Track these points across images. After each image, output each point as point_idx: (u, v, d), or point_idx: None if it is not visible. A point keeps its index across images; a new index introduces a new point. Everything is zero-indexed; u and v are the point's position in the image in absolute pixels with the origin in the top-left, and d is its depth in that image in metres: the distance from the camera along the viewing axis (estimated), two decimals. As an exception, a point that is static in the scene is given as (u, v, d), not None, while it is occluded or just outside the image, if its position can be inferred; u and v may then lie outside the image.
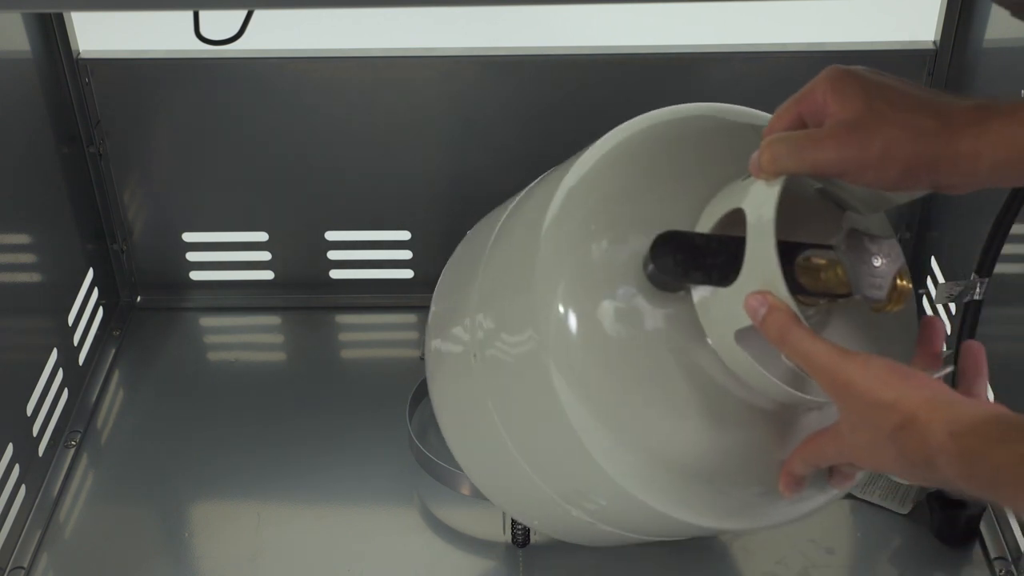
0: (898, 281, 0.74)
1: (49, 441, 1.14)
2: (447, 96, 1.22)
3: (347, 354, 1.32)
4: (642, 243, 0.74)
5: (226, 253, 1.33)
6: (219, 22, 0.94)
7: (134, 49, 1.22)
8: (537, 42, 1.20)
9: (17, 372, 1.11)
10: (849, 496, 1.09)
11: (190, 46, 0.98)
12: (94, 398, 1.22)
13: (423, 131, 1.24)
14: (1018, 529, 1.04)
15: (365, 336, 1.35)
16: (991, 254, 0.93)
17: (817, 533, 1.06)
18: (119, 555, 1.06)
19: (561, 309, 0.76)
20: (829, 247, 0.73)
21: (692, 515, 0.79)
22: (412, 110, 1.23)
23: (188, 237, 1.32)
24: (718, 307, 0.73)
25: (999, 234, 0.92)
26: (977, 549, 1.05)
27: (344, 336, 1.35)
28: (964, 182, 0.70)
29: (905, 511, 1.08)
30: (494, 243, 0.88)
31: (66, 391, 1.19)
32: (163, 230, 1.31)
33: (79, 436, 1.17)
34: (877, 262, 0.72)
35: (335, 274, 1.34)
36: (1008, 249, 0.93)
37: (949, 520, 1.05)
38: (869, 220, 0.76)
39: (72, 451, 1.15)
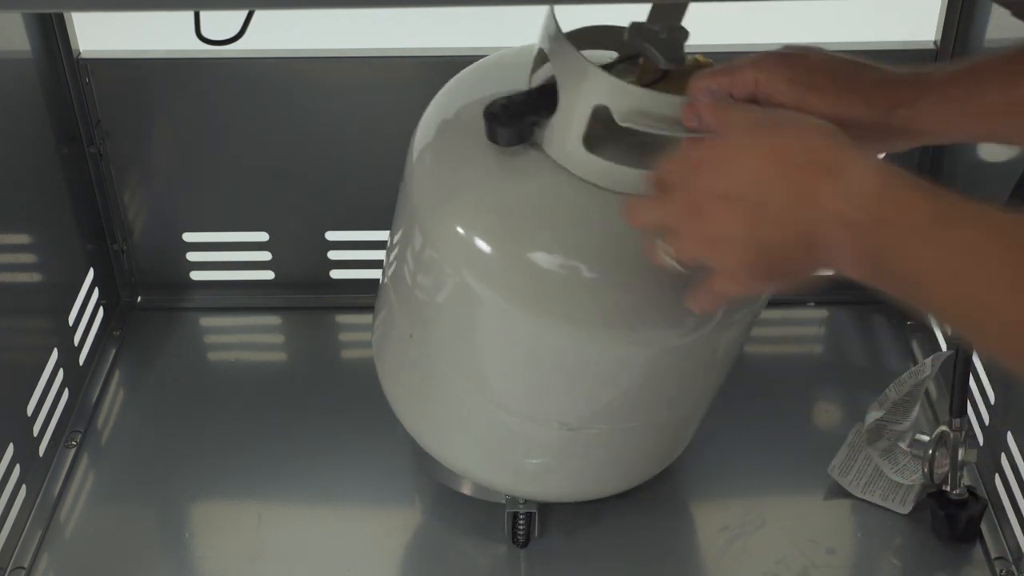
0: (697, 59, 0.83)
1: (49, 441, 1.14)
2: (447, 96, 1.22)
3: (347, 354, 1.32)
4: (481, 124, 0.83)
5: (226, 253, 1.33)
6: (219, 22, 0.94)
7: (134, 49, 1.22)
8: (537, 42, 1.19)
9: (17, 372, 1.11)
10: (849, 496, 1.09)
11: (190, 46, 0.98)
12: (94, 398, 1.22)
13: (423, 131, 1.24)
14: (1018, 529, 1.04)
15: (365, 336, 1.33)
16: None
17: (817, 533, 1.06)
18: (119, 555, 1.06)
19: (449, 217, 0.85)
20: (631, 57, 0.84)
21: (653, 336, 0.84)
22: (412, 110, 1.22)
23: (188, 237, 1.32)
24: (560, 134, 0.81)
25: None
26: (977, 549, 1.05)
27: (344, 336, 1.35)
28: (902, 148, 0.76)
29: (905, 511, 1.07)
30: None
31: (66, 391, 1.19)
32: (163, 230, 1.31)
33: (79, 436, 1.17)
34: (665, 34, 0.81)
35: (335, 274, 1.34)
36: (1008, 249, 0.93)
37: (949, 520, 1.04)
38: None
39: (72, 451, 1.15)
